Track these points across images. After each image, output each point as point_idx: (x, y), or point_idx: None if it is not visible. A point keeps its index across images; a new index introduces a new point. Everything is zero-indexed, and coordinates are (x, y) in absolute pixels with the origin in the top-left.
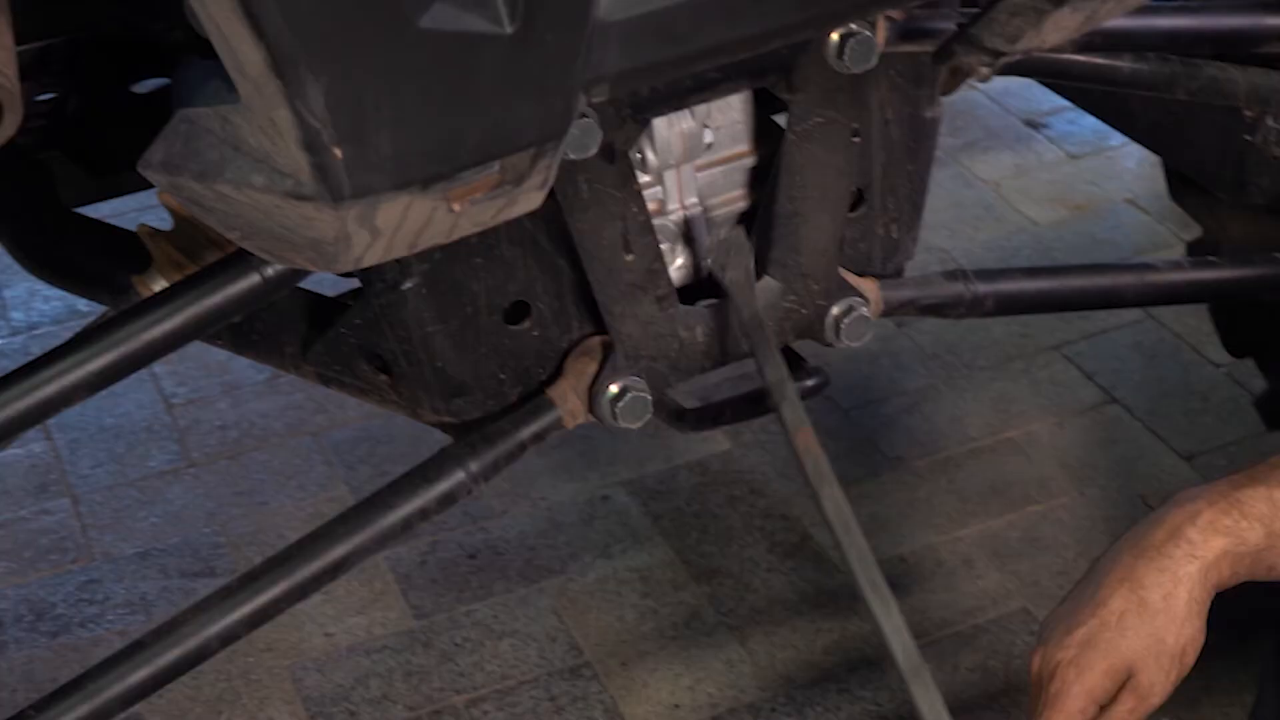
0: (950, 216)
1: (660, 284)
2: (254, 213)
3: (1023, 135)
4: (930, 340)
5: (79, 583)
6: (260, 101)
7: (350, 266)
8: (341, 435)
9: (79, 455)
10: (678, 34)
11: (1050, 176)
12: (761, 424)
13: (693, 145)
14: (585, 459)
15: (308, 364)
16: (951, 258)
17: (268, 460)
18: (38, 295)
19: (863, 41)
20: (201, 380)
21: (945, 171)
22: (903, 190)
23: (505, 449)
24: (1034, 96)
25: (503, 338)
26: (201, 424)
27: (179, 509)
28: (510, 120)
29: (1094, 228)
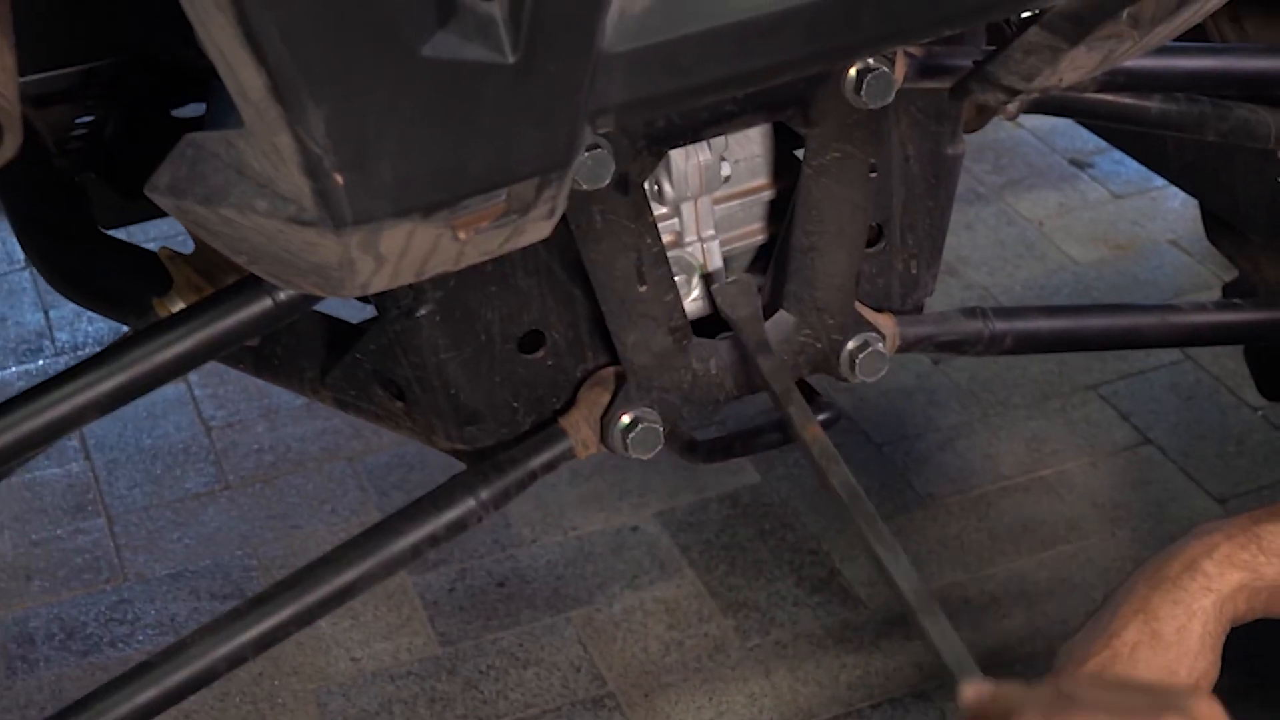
0: (991, 254)
1: (674, 316)
2: (258, 237)
3: (1067, 174)
4: (965, 377)
5: (111, 602)
6: (262, 126)
7: (357, 292)
8: (376, 461)
9: (116, 476)
10: (683, 66)
11: (1093, 216)
12: (794, 458)
13: (710, 178)
14: (616, 489)
15: (326, 389)
16: (991, 295)
17: (302, 484)
18: (83, 317)
19: (880, 77)
20: (240, 404)
21: (988, 208)
22: (922, 226)
23: (516, 477)
24: (1079, 135)
25: (516, 366)
26: (239, 447)
27: (213, 531)
28: (514, 149)
29: (1136, 268)
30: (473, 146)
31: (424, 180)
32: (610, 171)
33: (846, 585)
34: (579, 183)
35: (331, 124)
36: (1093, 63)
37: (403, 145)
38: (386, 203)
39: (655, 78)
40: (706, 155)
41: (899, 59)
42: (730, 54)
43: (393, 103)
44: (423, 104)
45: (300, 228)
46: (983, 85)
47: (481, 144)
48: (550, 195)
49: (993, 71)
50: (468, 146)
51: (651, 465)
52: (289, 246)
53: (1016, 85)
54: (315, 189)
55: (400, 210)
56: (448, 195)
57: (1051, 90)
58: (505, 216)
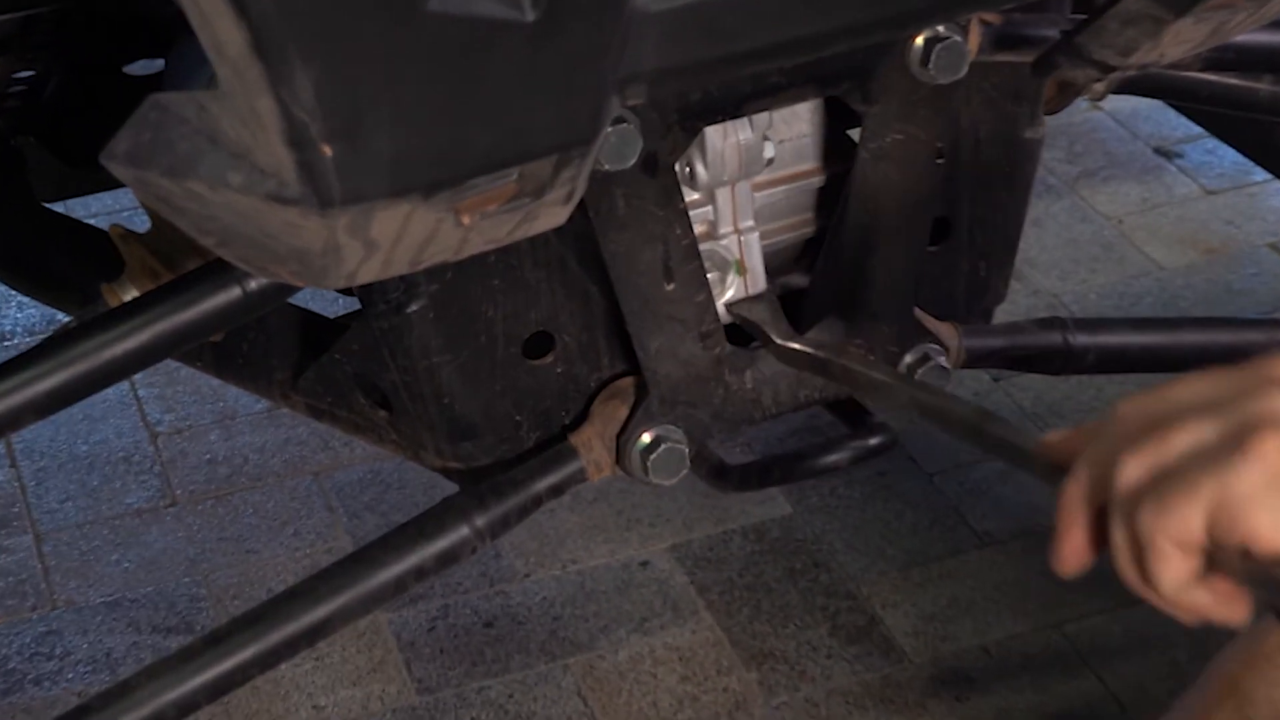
0: (1062, 255)
1: (705, 319)
2: (231, 216)
3: (1152, 165)
4: (1030, 398)
5: (37, 633)
6: (240, 88)
7: (342, 282)
8: (347, 477)
9: (46, 487)
10: (730, 29)
11: (1181, 213)
12: (830, 486)
13: (751, 160)
14: (624, 518)
15: (298, 393)
16: (1062, 303)
17: (261, 502)
18: (11, 301)
19: (951, 48)
20: (191, 407)
21: (1060, 203)
22: (994, 222)
23: (518, 502)
24: (1167, 121)
25: (521, 373)
26: (188, 457)
27: (156, 554)
28: (529, 122)
29: (1229, 275)
30: (482, 117)
31: (425, 155)
32: (637, 150)
33: (888, 635)
34: (601, 162)
35: (321, 87)
36: (1200, 36)
37: (402, 114)
38: (381, 180)
39: (695, 41)
40: (747, 134)
41: (973, 27)
42: (782, 16)
43: (392, 64)
44: (426, 66)
45: (280, 206)
46: (1071, 60)
47: (492, 115)
48: (569, 176)
49: (1083, 44)
50: (477, 117)
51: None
52: (266, 228)
53: (1111, 61)
54: (299, 162)
55: (397, 189)
56: (452, 173)
57: (1151, 67)
58: (516, 199)
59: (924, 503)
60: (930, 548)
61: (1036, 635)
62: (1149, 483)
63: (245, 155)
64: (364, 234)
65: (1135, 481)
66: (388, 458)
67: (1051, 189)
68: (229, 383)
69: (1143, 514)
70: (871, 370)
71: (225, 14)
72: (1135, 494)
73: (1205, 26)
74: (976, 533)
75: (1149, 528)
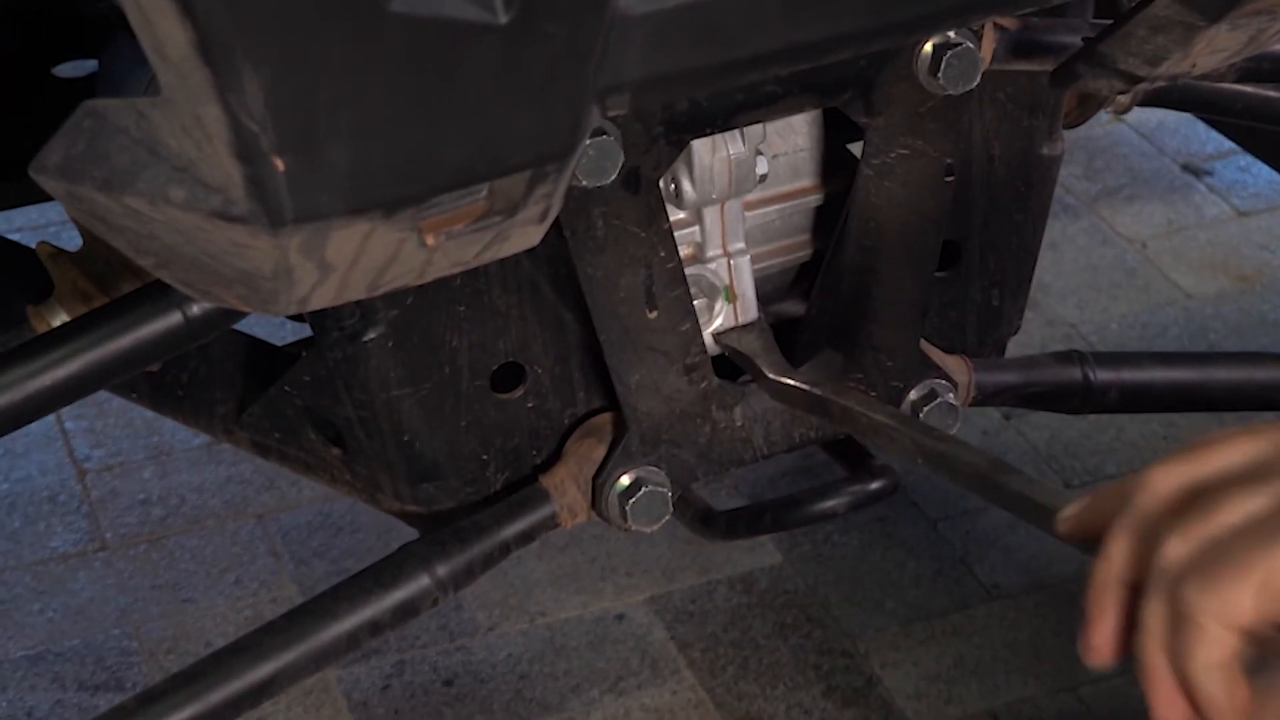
0: (1081, 282)
1: (691, 350)
2: (172, 235)
3: (1179, 183)
4: (1045, 437)
5: None
6: (184, 94)
7: (294, 308)
8: (294, 520)
9: None
10: (723, 33)
11: (1211, 236)
12: (824, 534)
13: (742, 176)
14: (598, 566)
15: (242, 429)
16: (1080, 335)
17: (199, 546)
18: None
19: (963, 55)
20: (123, 442)
21: (1078, 224)
22: (1008, 246)
23: (484, 550)
24: (1196, 135)
25: (488, 408)
26: (120, 496)
27: (84, 603)
28: (502, 134)
29: (1264, 305)
30: (450, 128)
31: (387, 169)
32: (618, 165)
33: (888, 698)
34: (578, 178)
35: (273, 93)
36: (1235, 45)
37: (362, 124)
38: (338, 196)
39: (685, 47)
40: (738, 148)
41: (987, 33)
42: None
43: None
44: (389, 72)
45: (227, 224)
46: (1094, 70)
47: (461, 125)
48: (544, 193)
49: (1107, 53)
50: (444, 128)
51: (643, 537)
52: (211, 248)
53: (1137, 71)
54: (249, 176)
55: (355, 206)
56: (416, 189)
57: (1181, 78)
58: (486, 218)
59: (927, 552)
60: (934, 601)
61: (1050, 699)
62: (1194, 559)
63: (189, 168)
64: (318, 255)
65: (1180, 559)
66: (338, 499)
67: (1069, 209)
68: (166, 416)
69: (1187, 592)
70: (873, 411)
71: (168, 11)
72: (1179, 572)
73: (1241, 34)
74: (985, 585)
75: (1193, 606)
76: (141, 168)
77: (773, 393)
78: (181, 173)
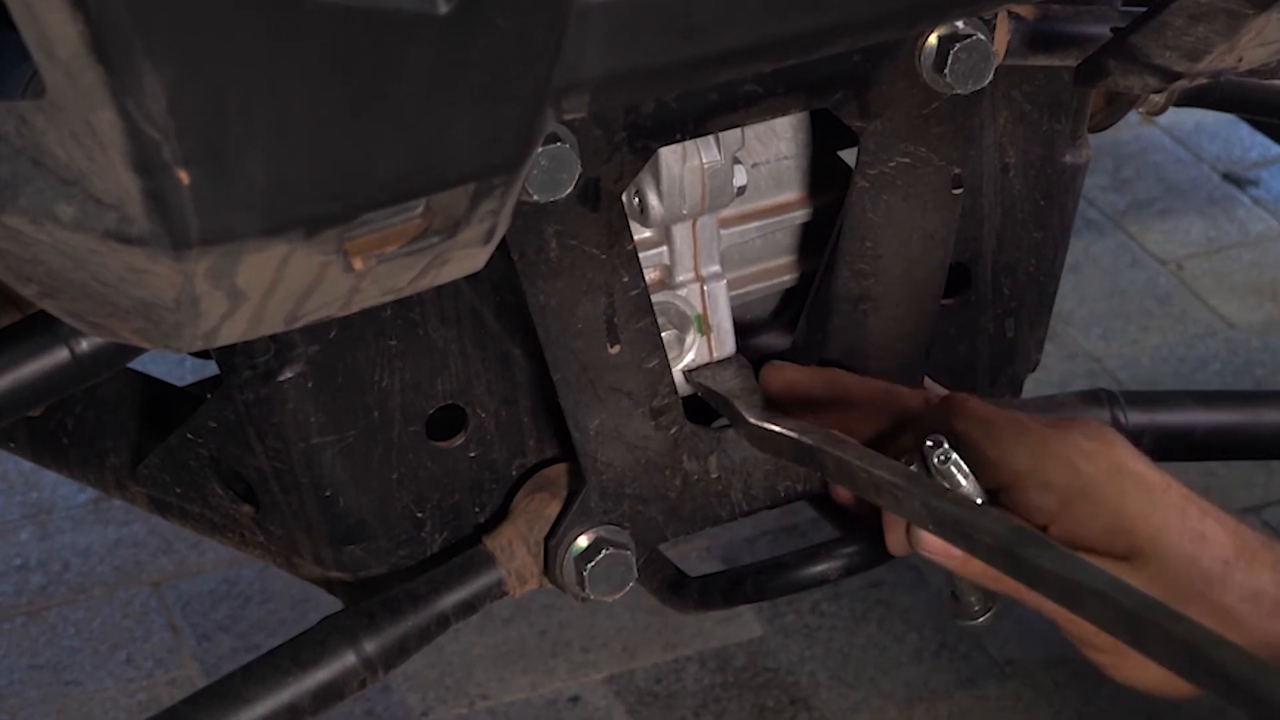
0: (1107, 309)
1: (659, 390)
2: (59, 259)
3: (1219, 195)
4: None
5: None
6: (74, 96)
7: (199, 344)
8: (194, 588)
9: None
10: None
11: (1256, 257)
12: (811, 602)
13: (717, 189)
14: (548, 641)
15: (136, 483)
16: (1106, 370)
17: (85, 620)
18: None
19: (974, 49)
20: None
21: (1103, 242)
22: (1025, 268)
23: (419, 623)
24: (1239, 140)
25: (424, 458)
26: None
27: None
28: (441, 141)
29: None
30: (382, 136)
31: (308, 183)
32: (574, 177)
33: None
34: (529, 192)
35: (177, 96)
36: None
37: (280, 131)
38: (252, 214)
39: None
40: (713, 156)
41: (1001, 23)
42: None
43: (267, 68)
44: (311, 71)
45: (123, 247)
46: (1124, 65)
47: (395, 132)
48: (490, 210)
49: (1140, 45)
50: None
51: (601, 607)
52: (104, 274)
53: (1175, 66)
54: (148, 191)
55: (271, 225)
56: (342, 206)
57: (1225, 74)
58: (423, 239)
59: (930, 623)
60: (938, 679)
61: None
62: None
63: (79, 182)
64: (229, 282)
65: None
66: (245, 563)
67: (1093, 225)
68: (48, 468)
69: None
70: (873, 465)
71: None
72: None
73: None
74: (997, 661)
75: None
76: (23, 181)
77: (753, 440)
78: (70, 187)
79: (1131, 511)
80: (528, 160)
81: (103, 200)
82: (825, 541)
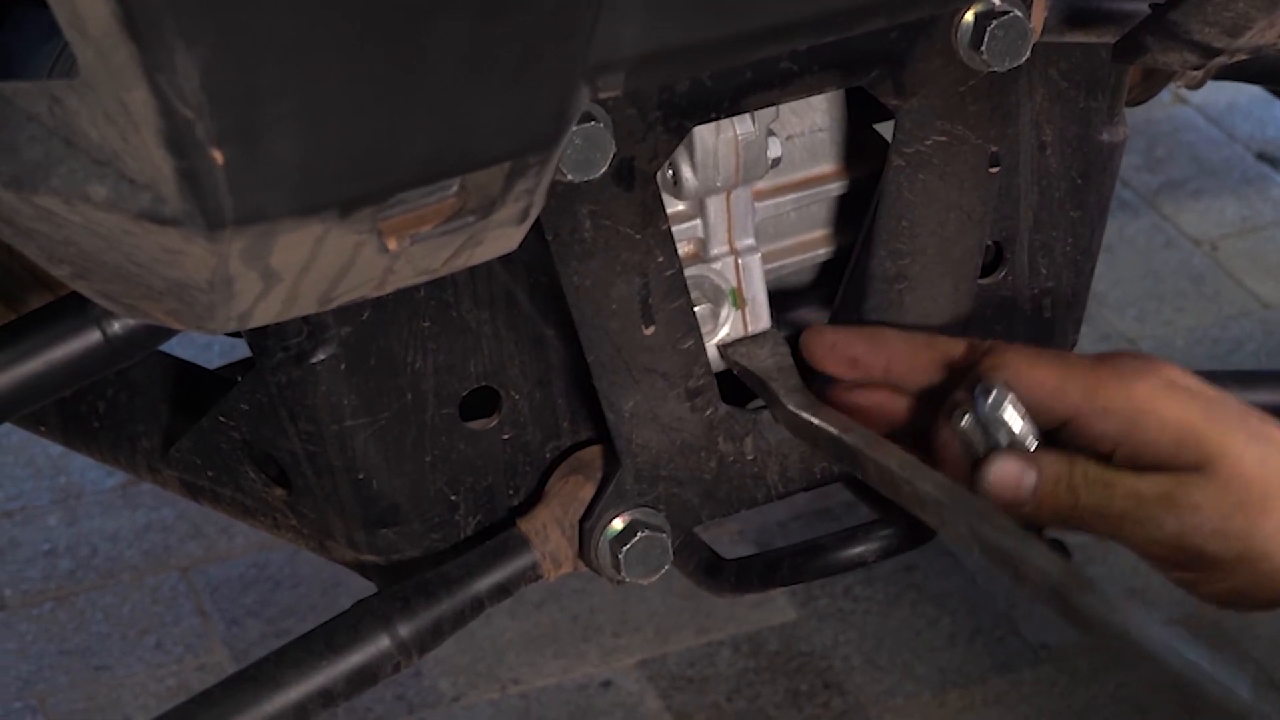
0: (1141, 290)
1: (694, 371)
2: (92, 240)
3: (1253, 174)
4: None
5: None
6: (106, 75)
7: (233, 325)
8: (223, 573)
9: None
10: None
11: None
12: (844, 585)
13: (751, 160)
14: (580, 625)
15: (169, 466)
16: (1140, 350)
17: (114, 605)
18: None
19: (1010, 25)
20: (25, 483)
21: (1137, 223)
22: (1062, 248)
23: (453, 606)
24: (1273, 118)
25: (457, 441)
26: (21, 547)
27: None
28: (476, 120)
29: None
30: (416, 114)
31: (342, 162)
32: (608, 156)
33: None
34: (563, 172)
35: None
36: None
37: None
38: (286, 194)
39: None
40: (747, 128)
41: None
42: None
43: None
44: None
45: (157, 227)
46: (1163, 41)
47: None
48: (524, 189)
49: (1180, 21)
50: (409, 114)
51: (632, 591)
52: (137, 255)
53: (1215, 42)
54: (182, 170)
55: (306, 205)
56: (376, 185)
57: (1267, 50)
58: (457, 218)
59: (964, 607)
60: (973, 664)
61: None
62: None
63: (111, 162)
64: (262, 262)
65: None
66: (274, 547)
67: (1127, 205)
68: (79, 452)
69: None
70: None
71: None
72: None
73: None
74: (1031, 645)
75: None
76: (56, 162)
77: (791, 426)
78: (103, 167)
79: (1195, 420)
80: (563, 139)
81: (136, 180)
82: (863, 523)
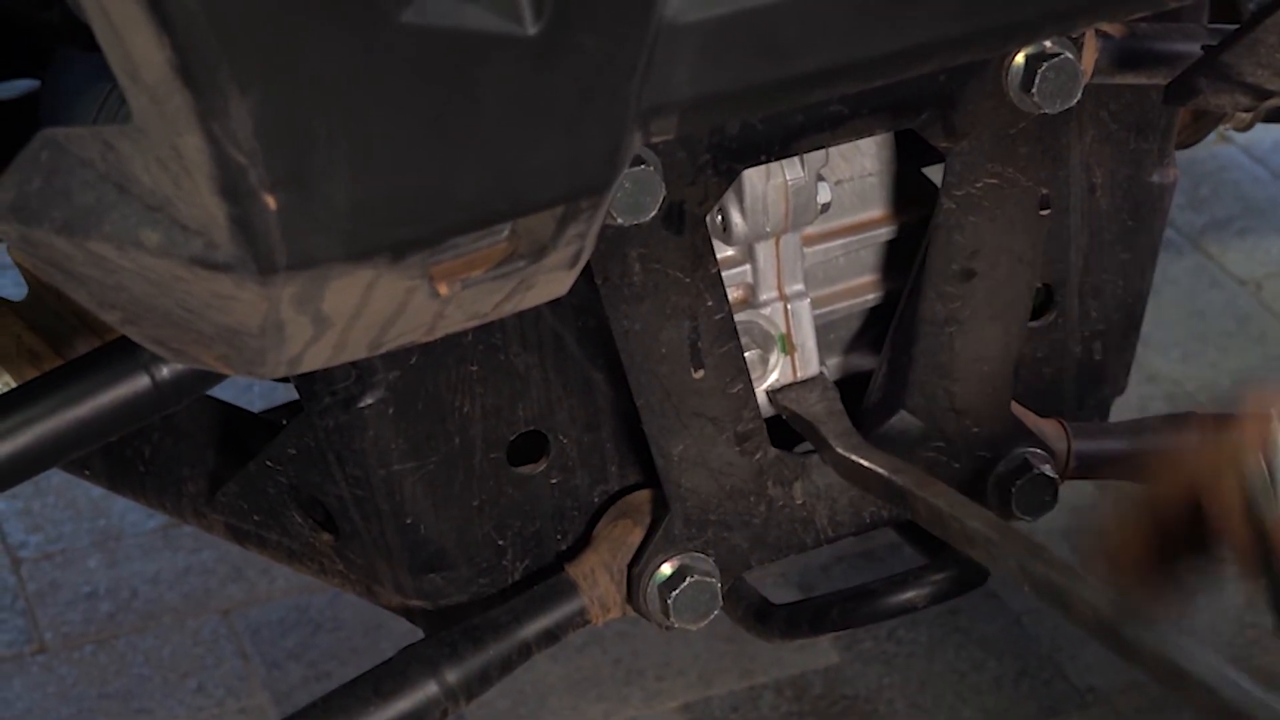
0: (1186, 331)
1: (744, 415)
2: (143, 286)
3: None
4: None
5: None
6: (160, 121)
7: (283, 370)
8: (265, 616)
9: None
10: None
11: None
12: (888, 629)
13: (801, 206)
14: (622, 669)
15: (215, 510)
16: (1185, 392)
17: (155, 648)
18: None
19: (1061, 68)
20: (66, 525)
21: (1181, 263)
22: (1113, 290)
23: (501, 652)
24: None
25: (505, 485)
26: (61, 589)
27: (19, 714)
28: (528, 164)
29: None
30: (469, 159)
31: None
32: (658, 199)
33: None
34: (613, 215)
35: (264, 120)
36: None
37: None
38: (338, 239)
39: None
40: (797, 173)
41: (1089, 42)
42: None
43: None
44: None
45: (209, 273)
46: (1215, 83)
47: (482, 155)
48: (576, 233)
49: (1232, 64)
50: (462, 158)
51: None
52: (187, 301)
53: (1267, 84)
54: (234, 216)
55: (358, 251)
56: (428, 230)
57: None
58: (509, 263)
59: (1010, 649)
60: (1019, 708)
61: None
62: None
63: (164, 208)
64: (314, 307)
65: None
66: (315, 590)
67: (1170, 244)
68: (124, 496)
69: None
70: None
71: (142, 25)
72: None
73: None
74: (1078, 689)
75: None
76: (109, 207)
77: (840, 470)
78: (156, 213)
79: None
80: (614, 183)
81: (188, 226)
82: (913, 569)
